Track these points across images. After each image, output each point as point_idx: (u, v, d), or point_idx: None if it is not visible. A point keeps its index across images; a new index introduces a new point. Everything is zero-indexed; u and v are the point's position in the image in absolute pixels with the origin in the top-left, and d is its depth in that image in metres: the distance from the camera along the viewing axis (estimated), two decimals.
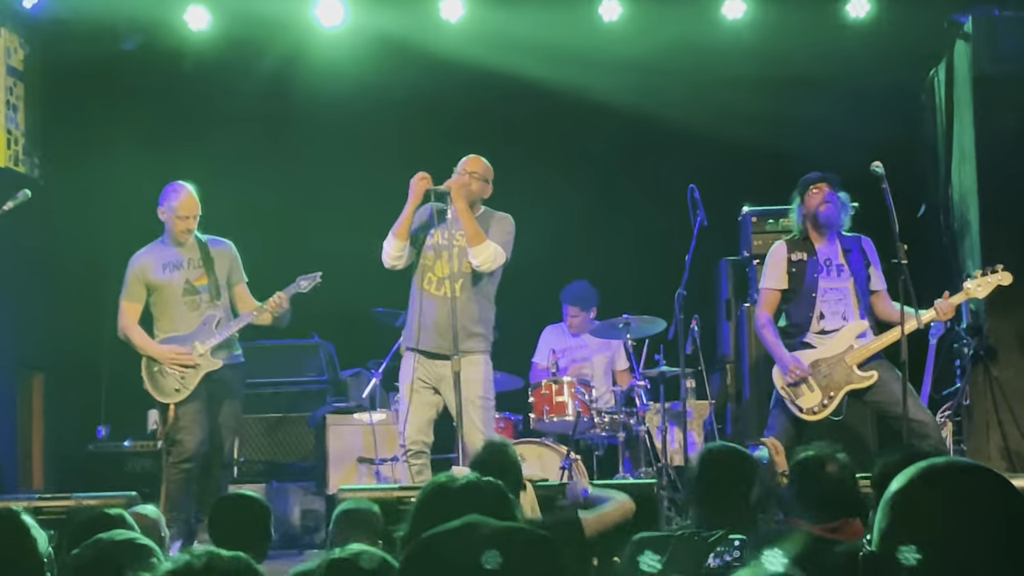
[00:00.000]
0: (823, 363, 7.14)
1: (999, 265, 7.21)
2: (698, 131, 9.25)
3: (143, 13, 8.99)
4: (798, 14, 8.96)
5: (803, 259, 7.28)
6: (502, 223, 7.12)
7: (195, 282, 7.34)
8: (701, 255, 7.98)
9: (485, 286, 7.08)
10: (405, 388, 7.06)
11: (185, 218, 7.30)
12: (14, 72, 9.02)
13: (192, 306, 7.33)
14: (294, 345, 9.30)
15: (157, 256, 7.39)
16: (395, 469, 8.63)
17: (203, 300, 7.33)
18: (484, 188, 7.13)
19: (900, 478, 1.98)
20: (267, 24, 9.04)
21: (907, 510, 1.93)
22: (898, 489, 1.96)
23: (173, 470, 7.18)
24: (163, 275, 7.34)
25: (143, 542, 3.11)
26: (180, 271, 7.35)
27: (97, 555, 3.06)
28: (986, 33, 8.46)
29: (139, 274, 7.37)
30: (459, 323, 6.80)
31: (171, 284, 7.33)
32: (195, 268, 7.35)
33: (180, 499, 7.11)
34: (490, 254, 6.93)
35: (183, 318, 7.32)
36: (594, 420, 8.44)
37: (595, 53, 9.12)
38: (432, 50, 9.13)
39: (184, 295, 7.33)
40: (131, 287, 7.38)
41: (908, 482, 1.96)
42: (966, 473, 1.96)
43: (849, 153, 7.85)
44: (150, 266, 7.37)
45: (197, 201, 7.35)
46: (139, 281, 7.37)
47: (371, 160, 9.71)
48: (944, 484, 1.93)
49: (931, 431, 6.96)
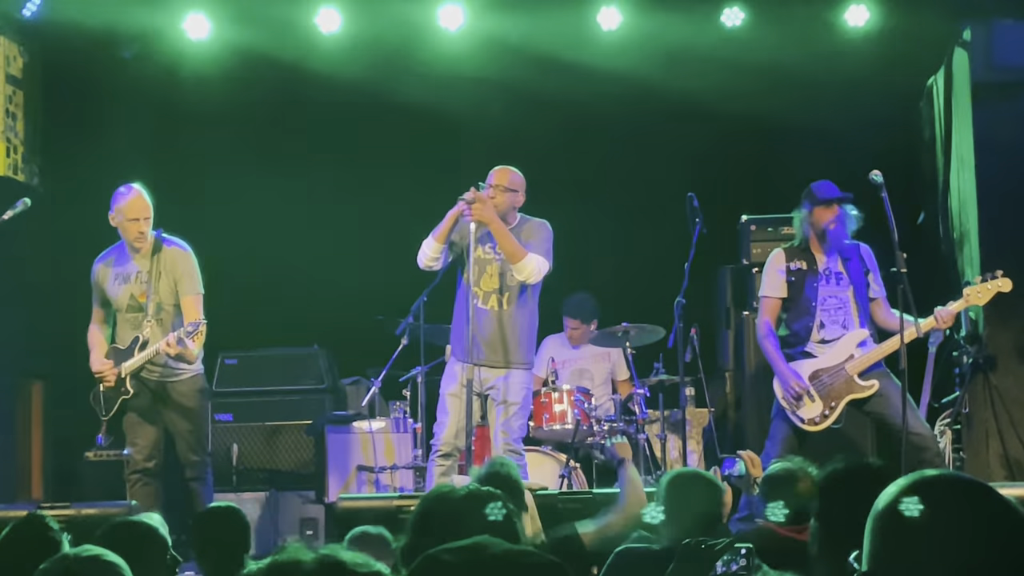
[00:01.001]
0: (824, 373, 7.13)
1: (999, 271, 7.20)
2: (697, 139, 9.26)
3: (142, 22, 8.99)
4: (797, 22, 8.95)
5: (802, 268, 7.27)
6: (539, 231, 7.24)
7: (139, 297, 7.09)
8: (700, 263, 7.98)
9: (530, 297, 7.25)
10: (448, 393, 7.19)
11: (135, 220, 6.97)
12: (13, 80, 9.02)
13: (133, 324, 7.10)
14: (293, 353, 9.29)
15: (112, 267, 7.20)
16: (394, 477, 8.64)
17: (142, 318, 7.06)
18: (514, 198, 7.23)
19: (887, 495, 1.94)
20: (267, 32, 9.04)
21: (900, 529, 1.90)
22: (887, 507, 1.93)
23: (129, 480, 7.16)
24: (113, 287, 7.16)
25: (110, 558, 3.09)
26: (127, 284, 7.13)
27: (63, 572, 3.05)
28: (985, 41, 8.47)
29: (97, 280, 7.25)
30: (507, 335, 7.10)
31: (118, 297, 7.14)
32: (141, 283, 7.09)
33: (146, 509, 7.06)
34: (533, 268, 7.07)
35: (125, 334, 7.14)
36: (593, 428, 8.43)
37: (594, 61, 9.12)
38: (431, 58, 9.14)
39: (127, 311, 7.12)
40: (94, 291, 7.28)
41: (897, 499, 1.93)
42: (957, 487, 1.94)
43: (848, 161, 7.85)
44: (105, 276, 7.21)
45: (148, 202, 7.04)
46: (97, 288, 7.25)
47: (371, 168, 9.72)
48: (936, 499, 1.90)
49: (929, 443, 6.97)
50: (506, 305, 7.15)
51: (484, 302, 7.13)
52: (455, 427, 7.06)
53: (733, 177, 9.55)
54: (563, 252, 8.33)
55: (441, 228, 7.12)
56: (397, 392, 9.04)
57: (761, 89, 9.14)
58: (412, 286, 8.17)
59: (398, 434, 8.84)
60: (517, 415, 7.18)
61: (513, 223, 7.20)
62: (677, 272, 7.86)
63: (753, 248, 8.75)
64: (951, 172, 8.84)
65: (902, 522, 1.90)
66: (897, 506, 1.91)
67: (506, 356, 7.12)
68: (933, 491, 1.92)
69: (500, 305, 7.13)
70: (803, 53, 8.91)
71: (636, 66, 9.04)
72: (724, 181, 9.39)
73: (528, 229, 7.21)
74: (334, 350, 9.49)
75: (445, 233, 7.12)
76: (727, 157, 9.44)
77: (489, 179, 7.22)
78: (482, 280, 7.15)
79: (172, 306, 7.07)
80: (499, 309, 7.12)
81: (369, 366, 9.16)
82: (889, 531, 1.91)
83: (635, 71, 9.08)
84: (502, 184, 7.18)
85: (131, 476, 7.15)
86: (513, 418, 7.15)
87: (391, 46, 9.09)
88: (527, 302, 7.24)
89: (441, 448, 7.10)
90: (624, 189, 10.01)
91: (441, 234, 7.12)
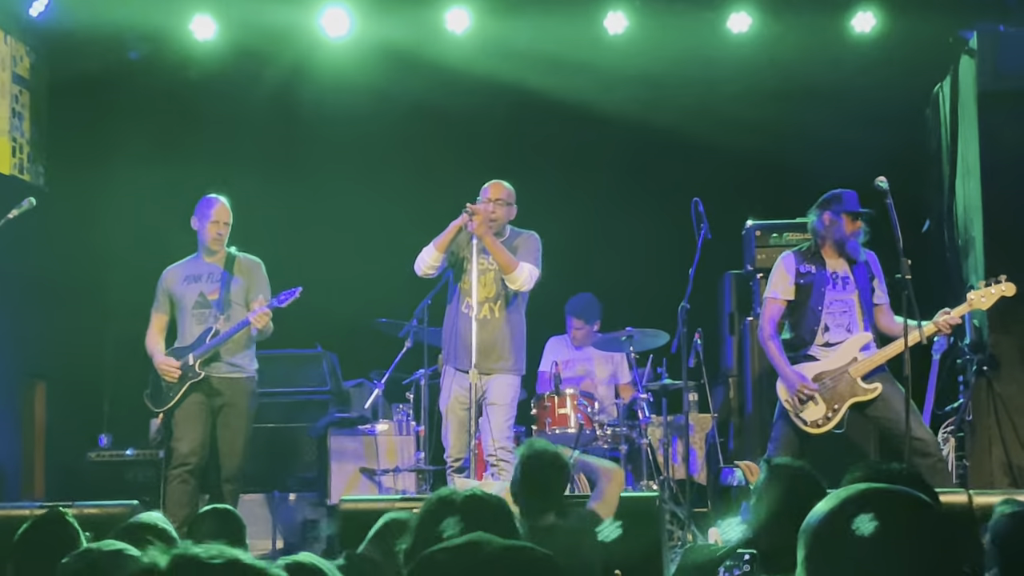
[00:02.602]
0: (827, 375, 7.13)
1: (1003, 276, 7.18)
2: (702, 144, 9.26)
3: (149, 22, 9.00)
4: (803, 28, 8.96)
5: (812, 271, 7.27)
6: (529, 242, 7.45)
7: (209, 296, 7.48)
8: (704, 268, 7.97)
9: (519, 304, 7.49)
10: (445, 408, 7.43)
11: (216, 223, 7.46)
12: (20, 80, 9.03)
13: (200, 319, 7.47)
14: (297, 355, 9.29)
15: (184, 269, 7.60)
16: (397, 480, 8.64)
17: (211, 315, 7.44)
18: (509, 211, 7.45)
19: (819, 512, 1.93)
20: (273, 34, 9.06)
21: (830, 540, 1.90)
22: (818, 524, 1.92)
23: (168, 477, 7.37)
24: (182, 287, 7.53)
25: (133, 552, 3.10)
26: (198, 283, 7.51)
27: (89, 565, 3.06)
28: (991, 49, 8.47)
29: (165, 285, 7.59)
30: (500, 341, 7.31)
31: (185, 296, 7.50)
32: (213, 282, 7.49)
33: (175, 508, 7.13)
34: (526, 276, 7.30)
35: (190, 330, 7.48)
36: (596, 432, 8.43)
37: (600, 66, 9.13)
38: (437, 61, 9.15)
39: (195, 308, 7.48)
40: (158, 298, 7.61)
41: (830, 511, 1.92)
42: (891, 500, 1.93)
43: (853, 167, 7.85)
44: (175, 278, 7.57)
45: (230, 210, 7.55)
46: (164, 292, 7.59)
47: (376, 170, 9.73)
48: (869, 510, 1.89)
49: (932, 449, 6.95)
50: (498, 313, 7.36)
51: (478, 311, 7.26)
52: (462, 440, 7.27)
53: (738, 182, 9.55)
54: (567, 255, 8.33)
55: (443, 238, 7.28)
56: (400, 395, 9.05)
57: (768, 95, 9.15)
58: (416, 289, 8.17)
59: (401, 436, 8.85)
60: (506, 417, 7.36)
61: (505, 235, 7.39)
62: (681, 277, 7.86)
63: (758, 254, 8.74)
64: (956, 179, 8.83)
65: (836, 535, 1.89)
66: (831, 519, 1.89)
67: (498, 362, 7.31)
68: (867, 506, 1.91)
69: (492, 313, 7.33)
70: (809, 59, 8.92)
71: (642, 71, 9.05)
72: (729, 187, 9.38)
73: (518, 241, 7.42)
74: (338, 352, 9.50)
75: (446, 243, 7.29)
76: (732, 162, 9.43)
77: (484, 193, 7.39)
78: (477, 289, 7.28)
79: (240, 306, 7.47)
80: (492, 317, 7.31)
81: (372, 369, 9.16)
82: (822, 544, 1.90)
83: (641, 76, 9.09)
84: (500, 198, 7.36)
85: (172, 472, 7.34)
86: (503, 420, 7.32)
87: (397, 48, 9.10)
88: (517, 309, 7.46)
89: (453, 464, 7.34)
90: (629, 193, 10.01)
91: (442, 243, 7.29)
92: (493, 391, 7.30)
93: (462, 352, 7.27)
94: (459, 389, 7.32)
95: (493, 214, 7.29)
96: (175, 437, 7.36)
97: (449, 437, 7.36)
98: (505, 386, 7.36)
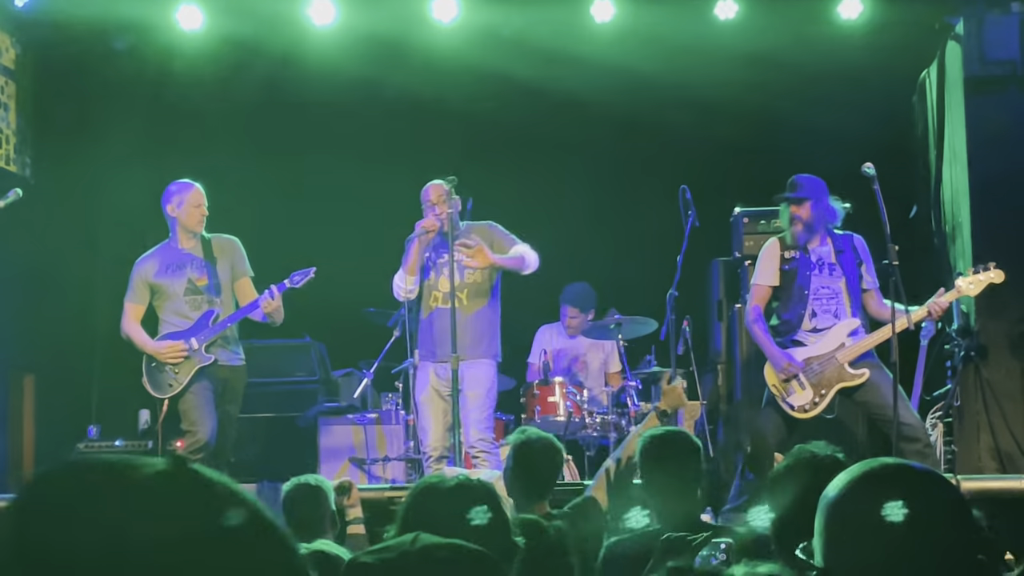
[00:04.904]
0: (814, 361, 7.13)
1: (991, 263, 7.20)
2: (690, 132, 9.26)
3: (135, 13, 8.97)
4: (790, 15, 8.96)
5: (795, 257, 7.28)
6: (494, 231, 7.52)
7: (197, 282, 7.43)
8: (693, 256, 7.98)
9: (489, 291, 7.51)
10: (421, 398, 7.47)
11: (200, 206, 7.43)
12: (5, 71, 9.00)
13: (194, 305, 7.42)
14: (285, 345, 9.28)
15: (161, 258, 7.51)
16: (386, 469, 8.65)
17: (204, 300, 7.41)
18: (455, 204, 7.45)
19: (836, 486, 1.92)
20: (259, 24, 9.03)
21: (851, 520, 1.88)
22: (838, 499, 1.91)
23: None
24: (165, 276, 7.45)
25: None
26: (183, 271, 7.45)
27: None
28: (977, 35, 8.47)
29: (143, 276, 7.50)
30: (469, 329, 7.34)
31: (173, 284, 7.44)
32: (197, 268, 7.44)
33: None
34: (531, 259, 7.45)
35: (184, 316, 7.42)
36: (585, 420, 8.44)
37: (588, 54, 9.12)
38: (424, 50, 9.14)
39: (186, 295, 7.43)
40: (135, 289, 7.51)
41: (847, 490, 1.91)
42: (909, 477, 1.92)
43: (840, 154, 7.85)
44: (152, 269, 7.48)
45: (203, 192, 7.51)
46: (143, 283, 7.50)
47: (363, 160, 9.70)
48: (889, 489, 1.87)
49: (920, 434, 6.95)
50: (466, 300, 7.40)
51: (445, 301, 7.31)
52: (439, 431, 7.34)
53: (726, 170, 9.55)
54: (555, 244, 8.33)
55: (410, 261, 7.42)
56: (389, 384, 9.05)
57: (754, 82, 9.14)
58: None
59: (390, 426, 8.85)
60: (485, 404, 7.41)
61: (459, 231, 7.40)
62: (669, 264, 7.86)
63: (746, 241, 8.74)
64: (943, 165, 8.84)
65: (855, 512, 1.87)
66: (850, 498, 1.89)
67: (472, 348, 7.35)
68: (884, 481, 1.90)
69: (461, 302, 7.34)
70: (796, 46, 8.91)
71: (629, 59, 9.04)
72: (717, 174, 9.39)
73: (481, 234, 7.43)
74: (326, 342, 9.50)
75: (415, 264, 7.42)
76: (720, 150, 9.43)
77: (426, 197, 7.43)
78: (440, 282, 7.38)
79: (228, 286, 7.46)
80: (460, 306, 7.31)
81: (361, 358, 9.16)
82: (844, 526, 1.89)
83: (628, 63, 9.08)
84: (442, 199, 7.38)
85: (195, 455, 7.15)
86: (482, 407, 7.38)
87: (384, 38, 9.08)
88: (486, 295, 7.49)
89: (432, 454, 7.35)
90: (617, 181, 10.01)
91: (411, 266, 7.42)
92: (468, 378, 7.31)
93: (433, 343, 7.39)
94: (436, 379, 7.41)
95: (445, 217, 7.32)
96: (191, 422, 7.21)
97: (427, 428, 7.39)
98: (480, 373, 7.39)
